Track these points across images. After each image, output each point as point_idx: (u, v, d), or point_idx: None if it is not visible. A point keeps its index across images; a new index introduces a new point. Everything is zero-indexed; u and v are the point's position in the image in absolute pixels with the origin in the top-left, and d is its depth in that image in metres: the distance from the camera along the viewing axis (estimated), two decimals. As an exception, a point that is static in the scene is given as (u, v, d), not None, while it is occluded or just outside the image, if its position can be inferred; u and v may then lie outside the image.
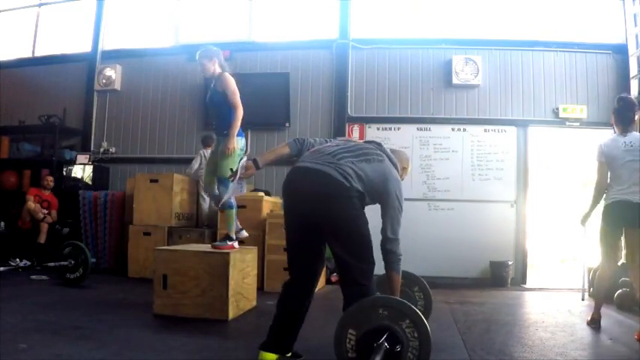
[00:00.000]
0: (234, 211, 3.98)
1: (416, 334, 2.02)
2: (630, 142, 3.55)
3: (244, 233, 4.08)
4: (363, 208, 2.48)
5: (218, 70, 3.95)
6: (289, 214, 2.49)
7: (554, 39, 6.28)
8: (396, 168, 2.58)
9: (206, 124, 6.81)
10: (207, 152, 5.92)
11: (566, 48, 6.24)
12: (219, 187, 3.92)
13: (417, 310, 2.09)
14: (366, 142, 2.70)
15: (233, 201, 3.96)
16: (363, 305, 2.11)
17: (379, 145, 2.65)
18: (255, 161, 2.62)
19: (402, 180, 2.64)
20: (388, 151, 2.64)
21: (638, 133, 3.64)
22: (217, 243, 3.91)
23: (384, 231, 2.47)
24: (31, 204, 6.05)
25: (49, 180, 6.35)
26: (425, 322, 2.05)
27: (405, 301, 2.17)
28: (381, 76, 6.53)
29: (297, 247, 2.50)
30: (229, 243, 3.84)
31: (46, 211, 6.17)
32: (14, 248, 5.71)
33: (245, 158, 2.89)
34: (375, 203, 2.51)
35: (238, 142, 3.83)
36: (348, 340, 2.07)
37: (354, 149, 2.52)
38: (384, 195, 2.45)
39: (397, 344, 2.00)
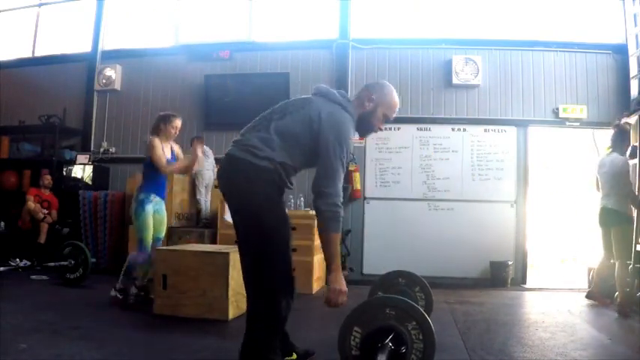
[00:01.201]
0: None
1: (421, 337, 2.02)
2: (605, 161, 4.51)
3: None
4: (280, 197, 2.09)
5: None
6: None
7: (554, 39, 6.27)
8: (339, 103, 2.11)
9: (206, 124, 6.81)
10: (206, 149, 5.93)
11: (566, 48, 6.23)
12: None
13: (424, 313, 2.09)
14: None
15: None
16: (370, 304, 2.10)
17: (316, 87, 2.23)
18: None
19: (379, 114, 2.22)
20: (325, 88, 2.19)
21: (615, 155, 4.46)
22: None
23: (314, 182, 1.99)
24: (31, 204, 6.06)
25: (48, 179, 6.34)
26: (431, 326, 2.04)
27: (412, 302, 2.16)
28: (380, 76, 6.52)
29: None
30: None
31: (46, 211, 6.18)
32: (14, 248, 5.71)
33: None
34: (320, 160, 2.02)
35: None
36: (352, 338, 2.07)
37: (273, 111, 2.13)
38: (316, 142, 1.99)
39: (402, 345, 2.00)
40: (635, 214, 4.26)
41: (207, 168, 5.89)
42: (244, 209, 2.04)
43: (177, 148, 4.32)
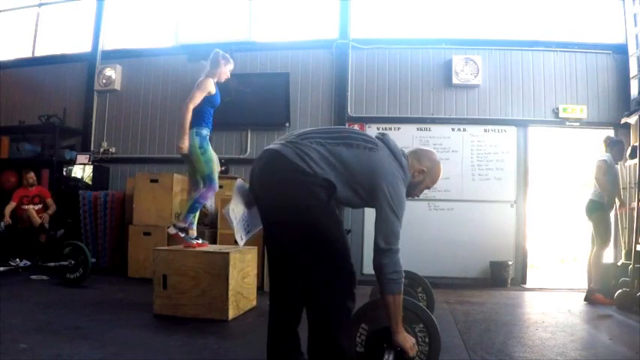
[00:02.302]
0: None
1: (427, 340, 2.02)
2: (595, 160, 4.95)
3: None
4: (330, 202, 1.97)
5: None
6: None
7: (554, 39, 6.27)
8: (401, 164, 2.06)
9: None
10: None
11: (566, 48, 6.23)
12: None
13: (433, 317, 2.08)
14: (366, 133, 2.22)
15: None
16: (379, 302, 2.09)
17: (383, 134, 2.14)
18: None
19: (422, 187, 2.22)
20: (393, 142, 2.11)
21: (603, 155, 4.88)
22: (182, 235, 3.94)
23: (374, 240, 1.92)
24: (32, 211, 6.03)
25: (29, 177, 6.23)
26: (438, 330, 2.04)
27: (421, 305, 2.16)
28: (381, 76, 6.53)
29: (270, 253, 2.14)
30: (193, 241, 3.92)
31: (39, 206, 6.14)
32: (14, 248, 5.70)
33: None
34: (363, 206, 2.04)
35: (186, 141, 3.92)
36: (358, 335, 2.07)
37: (335, 132, 2.07)
38: (372, 192, 1.93)
39: None
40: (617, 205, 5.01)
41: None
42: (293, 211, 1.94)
43: None
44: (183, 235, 3.91)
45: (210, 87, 4.01)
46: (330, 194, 1.93)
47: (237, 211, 2.22)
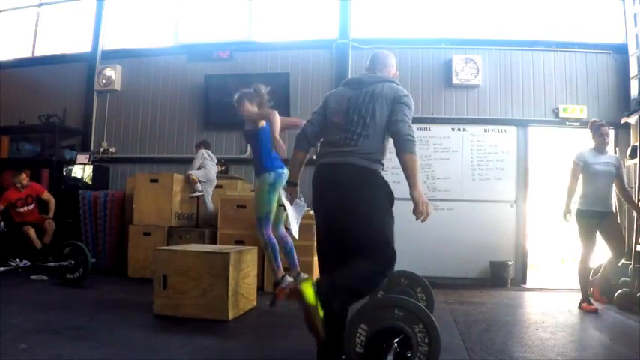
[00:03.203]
0: (272, 250, 3.80)
1: (427, 340, 2.02)
2: None
3: (302, 276, 3.85)
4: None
5: (250, 109, 3.87)
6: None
7: (554, 39, 6.27)
8: (389, 79, 2.52)
9: (206, 124, 6.82)
10: (210, 153, 5.93)
11: (566, 48, 6.24)
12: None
13: (432, 317, 2.08)
14: (361, 77, 2.57)
15: (273, 239, 3.82)
16: (379, 302, 2.09)
17: (373, 74, 2.57)
18: (290, 183, 2.70)
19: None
20: (380, 75, 2.55)
21: (577, 152, 4.59)
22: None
23: (392, 123, 2.35)
24: (32, 233, 5.69)
25: (22, 179, 5.84)
26: (438, 330, 2.04)
27: (421, 305, 2.16)
28: (381, 76, 6.52)
29: None
30: (282, 285, 3.76)
31: (32, 206, 5.92)
32: (14, 248, 5.70)
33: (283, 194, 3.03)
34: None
35: (266, 178, 3.73)
36: (358, 335, 2.07)
37: (364, 107, 2.39)
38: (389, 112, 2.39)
39: (408, 348, 2.00)
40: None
41: (214, 169, 5.89)
42: (366, 209, 2.28)
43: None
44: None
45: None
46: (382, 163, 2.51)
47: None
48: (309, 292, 2.07)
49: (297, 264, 3.95)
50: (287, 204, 2.75)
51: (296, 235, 3.79)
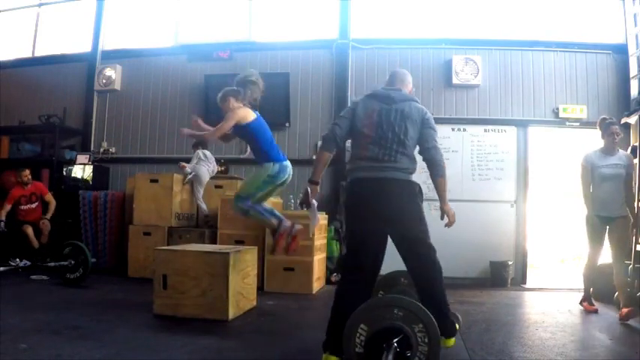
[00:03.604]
0: (256, 211, 3.70)
1: (426, 340, 2.02)
2: None
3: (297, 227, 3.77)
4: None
5: (234, 105, 3.81)
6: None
7: (554, 39, 6.27)
8: (414, 99, 2.80)
9: (206, 124, 6.79)
10: (206, 152, 5.92)
11: (566, 48, 6.24)
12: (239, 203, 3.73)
13: (432, 317, 2.08)
14: (384, 95, 2.75)
15: (252, 204, 3.71)
16: (379, 302, 2.10)
17: (398, 90, 2.83)
18: (313, 182, 2.72)
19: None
20: (404, 92, 2.83)
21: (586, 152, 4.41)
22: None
23: (425, 149, 2.70)
24: (30, 232, 5.77)
25: (24, 175, 5.96)
26: (437, 330, 2.04)
27: (421, 305, 2.16)
28: (381, 76, 6.51)
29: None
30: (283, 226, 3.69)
31: (32, 205, 6.00)
32: (14, 248, 5.70)
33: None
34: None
35: (270, 168, 3.66)
36: (358, 335, 2.07)
37: (397, 123, 2.64)
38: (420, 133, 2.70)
39: (407, 347, 2.00)
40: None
41: (209, 170, 5.89)
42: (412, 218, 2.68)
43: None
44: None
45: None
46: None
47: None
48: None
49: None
50: (314, 204, 2.75)
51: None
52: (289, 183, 3.86)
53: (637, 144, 5.20)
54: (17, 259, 5.20)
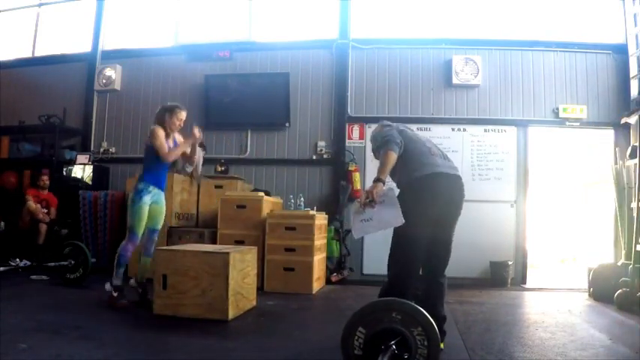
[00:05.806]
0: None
1: (426, 343, 2.02)
2: None
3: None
4: None
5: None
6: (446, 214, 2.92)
7: (554, 39, 6.27)
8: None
9: (206, 125, 6.78)
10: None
11: (566, 48, 6.23)
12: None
13: (431, 319, 2.08)
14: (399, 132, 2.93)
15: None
16: (377, 305, 2.09)
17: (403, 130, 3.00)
18: (379, 180, 2.73)
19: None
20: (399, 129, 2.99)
21: None
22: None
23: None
24: (32, 204, 6.04)
25: (44, 180, 6.31)
26: (437, 333, 2.03)
27: (420, 307, 2.15)
28: (381, 76, 6.53)
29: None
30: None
31: (45, 211, 6.17)
32: (14, 248, 5.70)
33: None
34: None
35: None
36: (356, 338, 2.06)
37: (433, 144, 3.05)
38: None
39: (406, 350, 1.99)
40: None
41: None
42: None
43: (180, 138, 4.15)
44: (116, 294, 3.90)
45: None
46: None
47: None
48: None
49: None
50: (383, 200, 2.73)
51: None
52: (289, 183, 3.88)
53: (637, 144, 5.21)
54: (17, 259, 5.20)
